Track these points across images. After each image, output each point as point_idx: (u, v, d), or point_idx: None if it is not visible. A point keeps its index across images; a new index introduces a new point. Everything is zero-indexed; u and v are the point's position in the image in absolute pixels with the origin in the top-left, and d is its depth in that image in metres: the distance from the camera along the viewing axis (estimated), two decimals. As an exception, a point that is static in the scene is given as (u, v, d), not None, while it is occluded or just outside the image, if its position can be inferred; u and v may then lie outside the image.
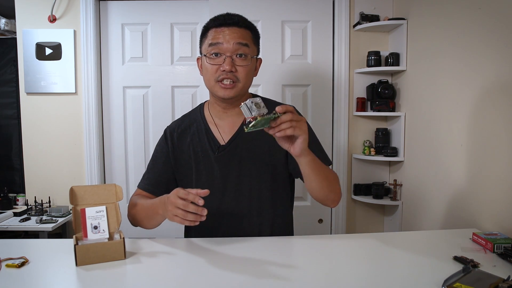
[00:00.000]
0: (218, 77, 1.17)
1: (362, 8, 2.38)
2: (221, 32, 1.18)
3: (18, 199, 2.40)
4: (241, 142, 1.23)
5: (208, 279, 0.93)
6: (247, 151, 1.24)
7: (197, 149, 1.26)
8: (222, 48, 1.16)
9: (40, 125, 2.40)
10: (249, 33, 1.21)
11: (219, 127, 1.27)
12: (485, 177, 1.50)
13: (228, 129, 1.26)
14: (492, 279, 0.88)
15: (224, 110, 1.26)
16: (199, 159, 1.25)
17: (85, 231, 1.04)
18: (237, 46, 1.17)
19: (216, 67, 1.17)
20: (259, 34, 1.27)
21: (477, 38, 1.57)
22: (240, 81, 1.18)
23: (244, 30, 1.20)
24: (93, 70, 2.37)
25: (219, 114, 1.28)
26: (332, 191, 1.18)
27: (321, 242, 1.19)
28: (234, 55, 1.17)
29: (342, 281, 0.93)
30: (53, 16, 2.35)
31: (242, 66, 1.18)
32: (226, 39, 1.16)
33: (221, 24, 1.19)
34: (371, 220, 2.52)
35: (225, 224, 1.25)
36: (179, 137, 1.29)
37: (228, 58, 1.16)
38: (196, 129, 1.28)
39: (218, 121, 1.28)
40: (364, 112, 2.39)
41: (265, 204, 1.24)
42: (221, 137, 1.25)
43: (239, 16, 1.22)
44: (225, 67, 1.15)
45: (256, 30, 1.25)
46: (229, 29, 1.18)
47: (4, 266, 0.97)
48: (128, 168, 2.48)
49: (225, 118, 1.27)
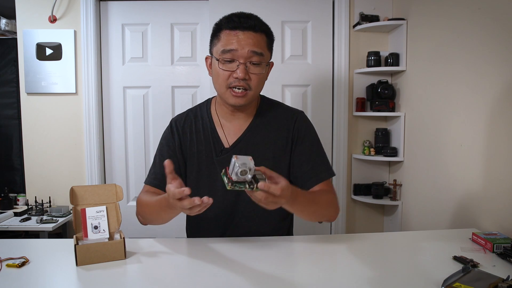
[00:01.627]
0: (230, 84, 1.13)
1: (362, 8, 2.38)
2: (235, 36, 1.11)
3: (19, 199, 2.40)
4: (245, 147, 1.21)
5: (208, 279, 0.93)
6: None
7: (201, 147, 1.23)
8: (236, 54, 1.11)
9: (40, 125, 2.40)
10: (264, 38, 1.15)
11: (224, 128, 1.24)
12: (484, 177, 1.50)
13: (233, 132, 1.23)
14: (491, 279, 0.88)
15: (232, 113, 1.23)
16: (202, 158, 1.23)
17: (85, 231, 1.04)
18: (252, 54, 1.11)
19: (229, 73, 1.13)
20: (273, 37, 1.21)
21: (477, 38, 1.57)
22: (252, 89, 1.14)
23: (260, 35, 1.14)
24: (94, 70, 2.38)
25: (226, 116, 1.24)
26: (322, 217, 1.18)
27: (321, 242, 1.19)
28: (247, 62, 1.12)
29: (342, 281, 0.93)
30: (54, 16, 2.36)
31: (255, 74, 1.13)
32: (241, 45, 1.10)
33: (235, 27, 1.12)
34: (371, 220, 2.52)
35: (225, 226, 1.25)
36: (184, 131, 1.25)
37: (241, 66, 1.11)
38: (201, 127, 1.25)
39: (224, 122, 1.25)
40: (364, 112, 2.39)
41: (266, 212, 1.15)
42: (225, 139, 1.23)
43: (255, 18, 1.15)
44: (239, 74, 1.11)
45: (271, 34, 1.19)
46: (244, 33, 1.11)
47: (4, 266, 0.97)
48: (128, 168, 2.49)
49: (232, 121, 1.24)
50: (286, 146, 1.23)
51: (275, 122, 1.25)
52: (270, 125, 1.24)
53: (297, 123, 1.24)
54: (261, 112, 1.26)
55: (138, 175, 2.48)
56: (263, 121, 1.25)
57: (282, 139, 1.23)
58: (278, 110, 1.28)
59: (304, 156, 1.22)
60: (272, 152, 1.22)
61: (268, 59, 1.19)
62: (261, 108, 1.26)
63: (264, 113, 1.26)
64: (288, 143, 1.23)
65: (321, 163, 1.23)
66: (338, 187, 2.45)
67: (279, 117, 1.25)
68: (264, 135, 1.23)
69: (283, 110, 1.29)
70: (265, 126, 1.24)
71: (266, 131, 1.23)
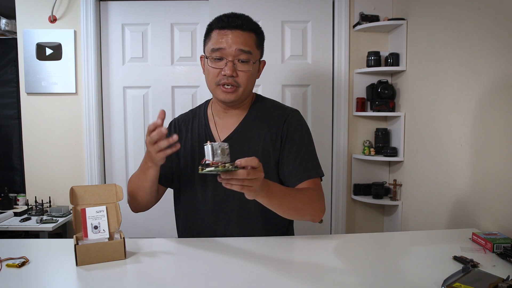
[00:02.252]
0: (219, 81, 1.18)
1: (362, 8, 2.38)
2: (224, 35, 1.16)
3: (19, 199, 2.40)
4: (235, 143, 1.22)
5: (208, 279, 0.93)
6: (240, 152, 1.20)
7: (194, 144, 1.28)
8: (224, 53, 1.16)
9: (40, 125, 2.40)
10: (253, 37, 1.19)
11: (217, 125, 1.28)
12: (484, 177, 1.50)
13: (225, 128, 1.27)
14: (491, 279, 0.88)
15: (224, 110, 1.27)
16: (195, 154, 1.27)
17: (85, 231, 1.04)
18: (239, 52, 1.15)
19: (218, 71, 1.17)
20: (264, 36, 1.25)
21: (477, 38, 1.57)
22: (241, 86, 1.18)
23: (248, 34, 1.18)
24: (93, 70, 2.37)
25: (219, 113, 1.29)
26: (304, 215, 1.16)
27: (321, 242, 1.19)
28: (235, 59, 1.16)
29: (342, 281, 0.93)
30: (54, 16, 2.36)
31: (243, 71, 1.17)
32: (229, 44, 1.15)
33: (224, 27, 1.17)
34: (371, 220, 2.52)
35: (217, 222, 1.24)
36: (180, 129, 1.31)
37: (229, 63, 1.15)
38: (197, 125, 1.30)
39: (217, 119, 1.29)
40: (364, 112, 2.39)
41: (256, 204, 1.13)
42: (218, 135, 1.27)
43: (244, 17, 1.19)
44: (226, 71, 1.15)
45: (261, 32, 1.23)
46: (232, 32, 1.16)
47: (4, 266, 0.97)
48: (128, 168, 2.49)
49: (224, 118, 1.28)
50: (276, 143, 1.24)
51: (267, 119, 1.26)
52: (262, 122, 1.26)
53: (287, 121, 1.25)
54: (254, 109, 1.29)
55: (138, 175, 2.48)
56: (255, 118, 1.27)
57: (271, 135, 1.24)
58: (271, 108, 1.30)
59: (292, 154, 1.22)
60: (262, 149, 1.23)
61: (258, 57, 1.22)
62: (254, 106, 1.30)
63: (256, 110, 1.29)
64: (278, 140, 1.24)
65: (309, 161, 1.22)
66: (338, 187, 2.45)
67: (271, 114, 1.27)
68: (255, 132, 1.25)
69: (276, 108, 1.30)
70: (256, 123, 1.26)
71: (257, 128, 1.25)
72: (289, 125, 1.25)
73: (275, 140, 1.24)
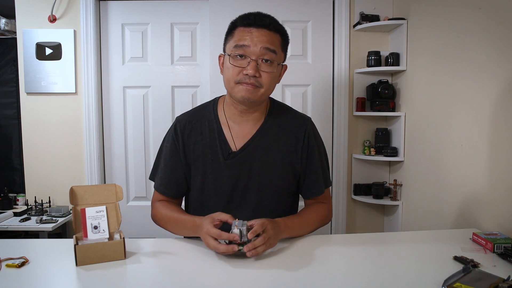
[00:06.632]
0: (239, 80, 1.11)
1: (362, 8, 2.38)
2: (249, 32, 1.10)
3: (18, 199, 2.40)
4: (253, 151, 1.18)
5: (208, 279, 0.93)
6: (259, 161, 1.19)
7: (206, 150, 1.19)
8: (248, 51, 1.09)
9: (40, 125, 2.40)
10: (278, 38, 1.13)
11: (232, 131, 1.20)
12: (485, 177, 1.50)
13: (241, 134, 1.19)
14: (492, 279, 0.88)
15: (241, 114, 1.19)
16: (207, 161, 1.19)
17: (85, 231, 1.04)
18: (264, 51, 1.09)
19: (239, 70, 1.10)
20: (288, 39, 1.19)
21: (477, 38, 1.57)
22: (263, 87, 1.12)
23: (274, 34, 1.12)
24: (93, 70, 2.37)
25: (234, 117, 1.20)
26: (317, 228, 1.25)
27: (321, 242, 1.19)
28: (259, 59, 1.10)
29: (342, 281, 0.93)
30: (53, 16, 2.35)
31: (266, 73, 1.11)
32: (254, 42, 1.09)
33: (250, 24, 1.11)
34: (371, 220, 2.52)
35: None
36: (189, 134, 1.21)
37: (253, 62, 1.09)
38: (207, 129, 1.21)
39: (232, 124, 1.20)
40: (364, 112, 2.39)
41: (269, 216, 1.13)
42: (233, 142, 1.19)
43: (270, 17, 1.14)
44: (249, 71, 1.08)
45: (286, 35, 1.18)
46: (258, 30, 1.10)
47: (4, 266, 0.97)
48: (128, 168, 2.49)
49: (241, 123, 1.20)
50: (296, 154, 1.22)
51: (285, 127, 1.22)
52: (280, 130, 1.22)
53: (307, 132, 1.23)
54: (271, 115, 1.23)
55: (138, 175, 2.48)
56: (273, 125, 1.22)
57: (291, 145, 1.21)
58: (288, 115, 1.26)
59: (314, 167, 1.25)
60: (281, 158, 1.20)
61: (281, 59, 1.16)
62: (271, 112, 1.23)
63: (274, 117, 1.23)
64: (298, 151, 1.22)
65: (322, 171, 1.26)
66: (338, 187, 2.45)
67: (289, 123, 1.23)
68: (273, 140, 1.20)
69: (293, 115, 1.27)
70: (274, 130, 1.21)
71: (276, 136, 1.21)
72: (309, 137, 1.24)
73: (294, 150, 1.22)
